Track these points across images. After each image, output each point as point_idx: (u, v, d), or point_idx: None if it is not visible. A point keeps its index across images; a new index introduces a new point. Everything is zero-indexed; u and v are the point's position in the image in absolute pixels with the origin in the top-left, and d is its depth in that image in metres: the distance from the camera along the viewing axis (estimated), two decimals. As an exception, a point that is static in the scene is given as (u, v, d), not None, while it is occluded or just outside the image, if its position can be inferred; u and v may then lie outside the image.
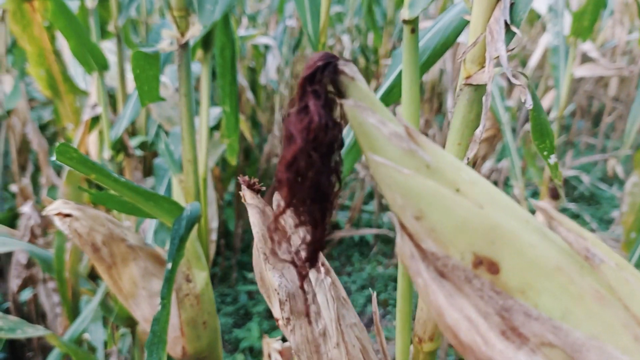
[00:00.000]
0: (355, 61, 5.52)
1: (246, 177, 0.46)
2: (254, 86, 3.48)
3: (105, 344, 1.40)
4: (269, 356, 0.94)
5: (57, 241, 1.34)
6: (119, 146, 1.29)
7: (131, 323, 1.29)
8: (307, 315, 0.47)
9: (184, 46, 0.69)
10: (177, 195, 1.16)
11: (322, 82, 0.19)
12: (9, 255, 2.51)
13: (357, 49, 5.30)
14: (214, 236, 1.33)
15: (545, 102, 2.84)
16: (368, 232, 4.04)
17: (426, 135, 4.02)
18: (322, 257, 0.49)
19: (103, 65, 1.13)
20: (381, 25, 4.66)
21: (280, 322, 0.48)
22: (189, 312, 0.73)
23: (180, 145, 1.41)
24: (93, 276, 1.85)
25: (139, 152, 1.48)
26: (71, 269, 1.33)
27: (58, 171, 2.84)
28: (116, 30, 1.26)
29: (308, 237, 0.20)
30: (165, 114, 1.65)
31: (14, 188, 2.37)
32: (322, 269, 0.49)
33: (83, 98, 1.49)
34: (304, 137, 0.18)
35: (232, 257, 3.18)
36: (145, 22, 1.64)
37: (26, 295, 2.07)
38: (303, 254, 0.21)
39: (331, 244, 4.46)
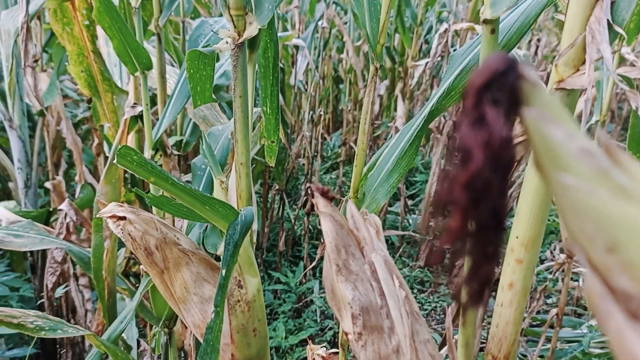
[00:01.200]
0: (381, 64, 5.47)
1: (319, 185, 0.43)
2: (282, 87, 3.47)
3: (152, 349, 1.40)
4: (313, 363, 0.92)
5: (95, 240, 1.34)
6: (158, 146, 1.28)
7: (168, 324, 1.28)
8: (382, 330, 0.44)
9: (240, 46, 0.67)
10: (218, 197, 1.15)
11: (503, 89, 0.16)
12: (39, 251, 2.54)
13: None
14: (254, 238, 1.31)
15: (578, 106, 2.76)
16: (393, 233, 3.99)
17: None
18: (395, 269, 0.47)
19: (147, 65, 1.12)
20: (408, 26, 4.62)
21: (350, 337, 0.46)
22: (239, 319, 0.71)
23: (219, 145, 1.39)
24: (125, 274, 1.85)
25: (175, 152, 1.47)
26: (108, 267, 1.33)
27: (90, 169, 2.86)
28: (157, 30, 1.25)
29: (472, 269, 0.18)
30: (201, 114, 1.64)
31: (47, 185, 2.39)
32: (395, 281, 0.46)
33: (120, 97, 1.48)
34: (484, 154, 0.16)
35: (258, 257, 3.17)
36: (183, 22, 1.64)
37: (59, 292, 2.09)
38: (467, 288, 0.18)
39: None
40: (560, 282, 3.49)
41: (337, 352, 0.96)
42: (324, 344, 0.94)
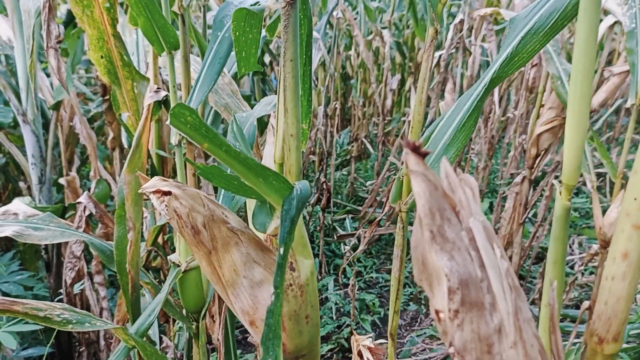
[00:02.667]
0: (392, 59, 5.41)
1: (408, 138, 0.38)
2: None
3: (177, 339, 1.34)
4: (359, 354, 0.86)
5: (118, 232, 1.28)
6: (182, 132, 1.22)
7: (196, 318, 1.23)
8: (482, 307, 0.38)
9: (292, 3, 0.62)
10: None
11: None
12: (54, 249, 2.49)
13: (392, 44, 5.20)
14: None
15: (600, 95, 2.69)
16: (408, 229, 3.89)
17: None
18: (495, 237, 0.41)
19: (174, 45, 1.06)
20: (420, 17, 4.55)
21: (443, 315, 0.40)
22: (291, 305, 0.65)
23: (244, 132, 1.33)
24: (145, 268, 1.80)
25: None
26: (132, 260, 1.27)
27: (103, 166, 2.82)
28: (180, 10, 1.19)
29: None
30: (223, 102, 1.59)
31: (61, 181, 2.34)
32: (496, 251, 0.40)
33: (141, 85, 1.43)
34: None
35: (275, 254, 3.11)
36: (203, 7, 1.58)
37: (76, 289, 2.04)
38: None
39: (370, 241, 4.37)
40: (580, 276, 3.41)
41: (385, 343, 0.90)
42: (371, 336, 0.89)
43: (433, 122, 0.80)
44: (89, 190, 2.27)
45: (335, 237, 3.41)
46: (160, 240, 1.73)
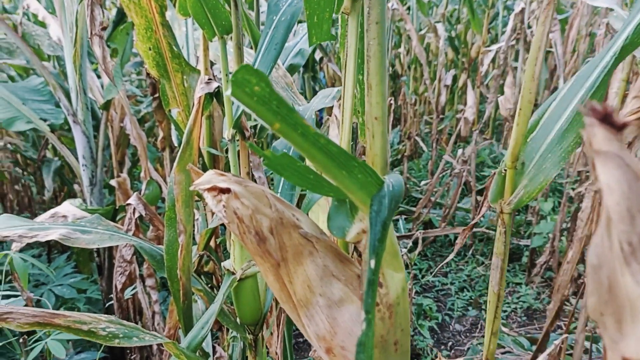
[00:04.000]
0: (445, 54, 5.20)
1: (595, 104, 0.24)
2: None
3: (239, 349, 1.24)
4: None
5: (168, 235, 1.19)
6: (236, 128, 1.12)
7: (253, 330, 1.12)
8: None
9: (379, -49, 0.49)
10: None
11: None
12: (106, 252, 2.46)
13: (446, 39, 4.99)
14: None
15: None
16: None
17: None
18: None
19: (226, 28, 0.96)
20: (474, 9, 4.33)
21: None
22: (378, 329, 0.52)
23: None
24: (197, 274, 1.71)
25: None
26: (183, 266, 1.18)
27: (154, 167, 2.77)
28: (232, -7, 1.09)
29: None
30: (277, 95, 1.48)
31: (112, 183, 2.30)
32: None
33: (191, 78, 1.34)
34: None
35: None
36: (256, -5, 1.49)
37: (128, 293, 1.99)
38: None
39: (425, 243, 4.19)
40: None
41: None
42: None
43: (544, 103, 0.66)
44: (139, 192, 2.22)
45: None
46: (212, 243, 1.64)
